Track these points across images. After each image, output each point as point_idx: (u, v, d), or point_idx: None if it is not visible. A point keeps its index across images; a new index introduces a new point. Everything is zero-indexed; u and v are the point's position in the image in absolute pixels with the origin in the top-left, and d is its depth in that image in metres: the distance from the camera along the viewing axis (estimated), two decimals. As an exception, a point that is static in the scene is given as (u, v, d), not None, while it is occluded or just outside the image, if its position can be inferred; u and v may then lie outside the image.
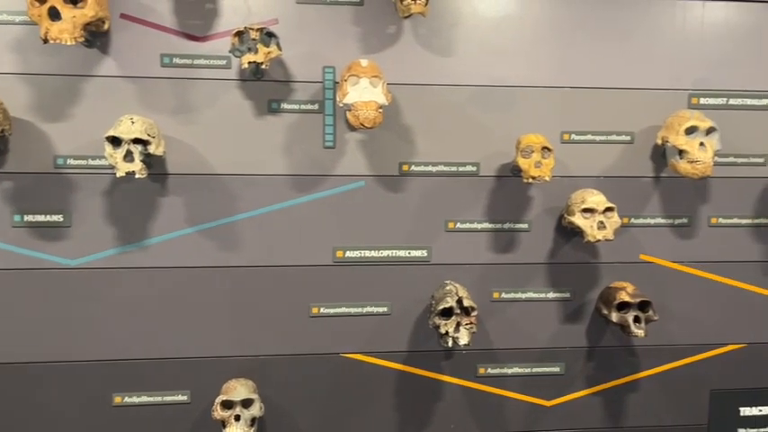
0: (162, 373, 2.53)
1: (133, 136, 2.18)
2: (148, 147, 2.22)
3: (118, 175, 2.18)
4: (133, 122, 2.20)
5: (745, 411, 2.83)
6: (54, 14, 2.09)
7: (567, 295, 2.68)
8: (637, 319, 2.48)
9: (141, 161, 2.19)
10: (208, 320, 2.53)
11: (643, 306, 2.50)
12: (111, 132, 2.18)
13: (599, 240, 2.39)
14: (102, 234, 2.43)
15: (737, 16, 2.63)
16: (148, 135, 2.21)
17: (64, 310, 2.45)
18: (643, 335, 2.46)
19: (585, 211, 2.43)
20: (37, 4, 2.10)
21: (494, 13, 2.54)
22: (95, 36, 2.32)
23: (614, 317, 2.51)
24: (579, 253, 2.66)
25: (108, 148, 2.19)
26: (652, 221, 2.67)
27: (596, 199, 2.43)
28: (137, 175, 2.19)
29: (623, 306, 2.50)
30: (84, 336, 2.47)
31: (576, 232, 2.52)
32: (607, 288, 2.62)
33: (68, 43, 2.09)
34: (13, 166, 2.37)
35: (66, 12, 2.09)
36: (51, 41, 2.09)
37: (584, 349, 2.73)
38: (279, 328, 2.57)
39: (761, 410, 2.83)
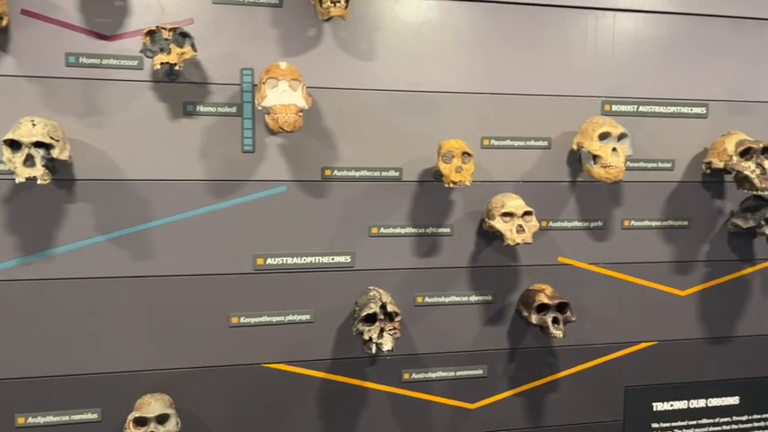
0: (70, 391, 2.38)
1: (34, 139, 2.05)
2: (52, 151, 2.09)
3: (17, 181, 2.04)
4: (34, 125, 2.07)
5: (658, 406, 2.95)
6: (-57, 8, 1.94)
7: (489, 298, 2.71)
8: (555, 321, 2.54)
9: (44, 166, 2.06)
10: (120, 333, 2.41)
11: (561, 307, 2.56)
12: (10, 135, 2.04)
13: (518, 244, 2.43)
14: (2, 244, 2.27)
15: (647, 27, 2.75)
16: (51, 138, 2.08)
17: (-41, 326, 2.28)
18: (561, 336, 2.52)
19: (505, 215, 2.47)
20: (-77, -4, 1.94)
21: (415, 19, 2.55)
22: (-8, 32, 2.18)
23: (534, 318, 2.56)
24: (500, 256, 2.71)
25: (6, 152, 2.04)
26: (569, 225, 2.74)
27: (515, 203, 2.48)
28: (39, 181, 2.06)
29: (542, 308, 2.56)
30: (-17, 353, 2.30)
31: (497, 236, 2.55)
32: (527, 290, 2.67)
33: (-41, 39, 1.95)
34: None
35: (-43, 5, 1.95)
36: (-60, 37, 1.94)
37: (506, 351, 2.77)
38: (197, 339, 2.48)
39: (672, 405, 2.96)
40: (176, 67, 2.18)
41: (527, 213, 2.48)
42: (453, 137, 2.50)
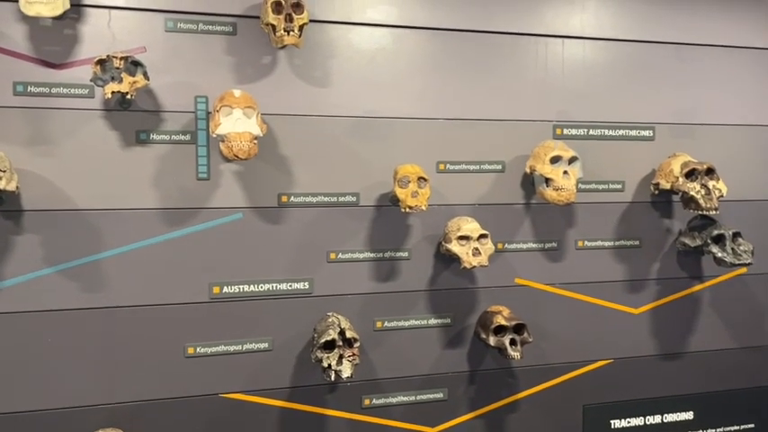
0: (19, 429, 2.30)
1: (-21, 170, 2.00)
2: (-2, 182, 2.04)
3: (-39, 214, 1.99)
4: (-21, 156, 2.02)
5: (616, 423, 2.99)
6: None
7: (448, 321, 2.73)
8: (513, 342, 2.56)
9: (-11, 198, 2.01)
10: (72, 367, 2.34)
11: (518, 329, 2.59)
12: (-47, 167, 1.99)
13: (474, 267, 2.46)
14: (-55, 278, 2.21)
15: (594, 53, 2.84)
16: (-2, 169, 2.04)
17: None
18: (519, 357, 2.54)
19: (461, 238, 2.49)
20: None
21: (368, 46, 2.58)
22: (-65, 61, 2.12)
23: (492, 340, 2.58)
24: (458, 279, 2.73)
25: (-51, 184, 1.99)
26: (524, 246, 2.79)
27: (471, 226, 2.51)
28: (-16, 214, 2.01)
29: (500, 330, 2.58)
30: (-76, 393, 2.21)
31: (454, 259, 2.58)
32: (484, 312, 2.70)
33: None
34: None
35: None
36: None
37: (465, 374, 2.78)
38: (153, 371, 2.42)
39: (629, 422, 3.00)
40: (128, 96, 2.16)
41: (483, 236, 2.51)
42: (409, 162, 2.52)
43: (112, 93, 2.14)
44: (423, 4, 2.62)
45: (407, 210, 2.40)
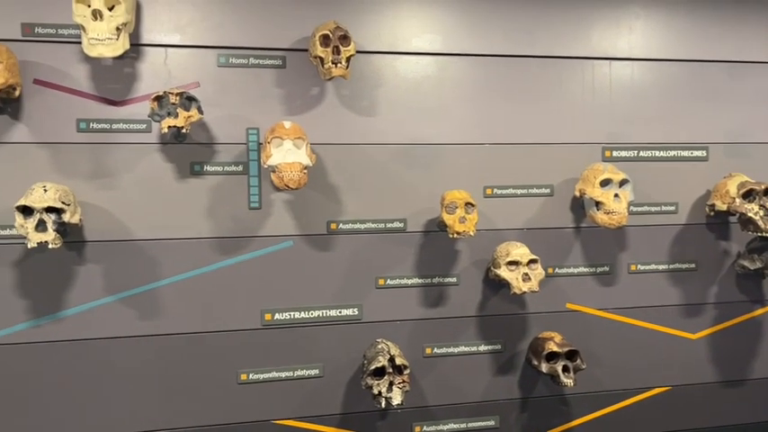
0: (80, 454, 2.38)
1: (46, 204, 2.09)
2: (63, 215, 2.13)
3: (29, 246, 2.08)
4: (46, 190, 2.12)
5: (675, 453, 2.89)
6: (-41, 82, 2.02)
7: (499, 347, 2.70)
8: (565, 369, 2.52)
9: (55, 230, 2.10)
10: (131, 393, 2.42)
11: (571, 355, 2.55)
12: (22, 201, 2.09)
13: (524, 292, 2.44)
14: (14, 307, 2.31)
15: (642, 74, 2.80)
16: (63, 203, 2.13)
17: (-30, 391, 2.29)
18: (572, 384, 2.50)
19: (510, 263, 2.48)
20: (-59, 71, 2.02)
21: (414, 75, 2.61)
22: (6, 102, 2.24)
23: (544, 367, 2.54)
24: (508, 304, 2.70)
25: (18, 218, 2.09)
26: (575, 271, 2.75)
27: (520, 251, 2.49)
28: (50, 245, 2.10)
29: (552, 356, 2.54)
30: (-7, 418, 2.31)
31: (504, 284, 2.56)
32: (536, 339, 2.66)
33: (-26, 112, 2.01)
34: None
35: (-27, 80, 2.02)
36: (-44, 110, 2.01)
37: (517, 400, 2.74)
38: (207, 396, 2.47)
39: (689, 451, 2.90)
40: (183, 130, 2.24)
41: (532, 261, 2.48)
42: (456, 187, 2.53)
43: (169, 127, 2.22)
44: (467, 31, 2.65)
45: (455, 235, 2.41)
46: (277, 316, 2.52)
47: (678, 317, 2.85)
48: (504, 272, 2.48)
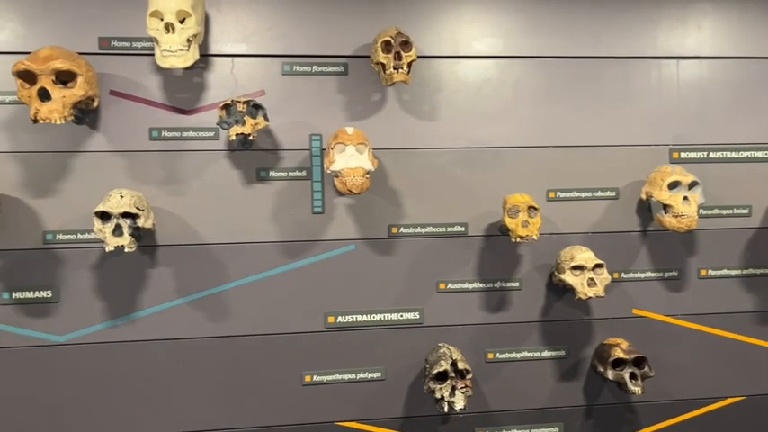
0: (152, 450, 2.47)
1: (122, 210, 2.19)
2: (137, 220, 2.22)
3: (107, 250, 2.18)
4: (122, 197, 2.22)
5: (750, 466, 2.78)
6: (44, 95, 2.13)
7: (563, 353, 2.66)
8: (633, 376, 2.46)
9: (130, 235, 2.20)
10: (199, 392, 2.49)
11: (638, 362, 2.48)
12: (101, 207, 2.19)
13: (590, 297, 2.39)
14: (91, 309, 2.42)
15: (712, 73, 2.71)
16: (137, 209, 2.22)
17: (53, 387, 2.40)
18: (640, 392, 2.43)
19: (575, 268, 2.44)
20: (27, 85, 2.14)
21: (475, 78, 2.61)
22: (85, 113, 2.36)
23: (610, 374, 2.49)
24: (572, 310, 2.66)
25: (97, 223, 2.19)
26: (642, 276, 2.68)
27: (585, 256, 2.44)
28: (126, 249, 2.19)
29: (618, 363, 2.49)
30: (73, 412, 2.42)
31: (568, 289, 2.52)
32: (601, 345, 2.61)
33: (58, 123, 2.12)
34: (2, 244, 2.36)
35: (56, 92, 2.13)
36: (41, 121, 2.12)
37: (582, 408, 2.69)
38: (272, 397, 2.53)
39: (765, 464, 2.78)
40: (250, 137, 2.30)
41: (598, 266, 2.44)
42: (518, 191, 2.51)
43: (236, 135, 2.28)
44: (528, 33, 2.63)
45: (518, 240, 2.39)
46: (340, 319, 2.55)
47: (752, 324, 2.73)
48: (568, 277, 2.44)
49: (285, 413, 2.54)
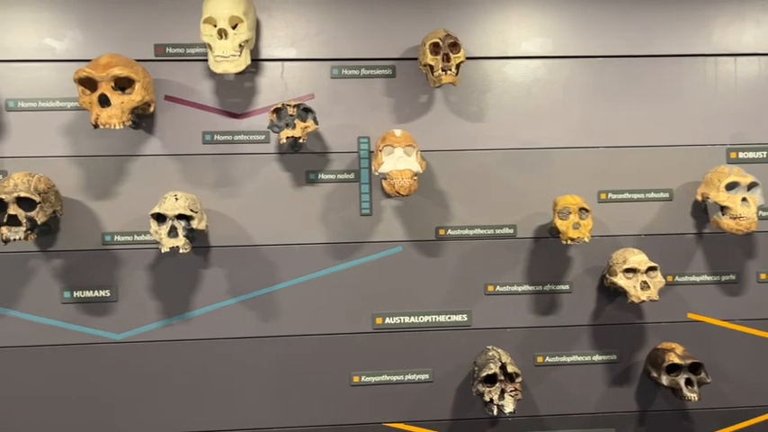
0: (205, 446, 2.53)
1: (177, 212, 2.25)
2: (191, 222, 2.28)
3: (163, 251, 2.24)
4: (177, 199, 2.28)
5: (813, 478, 2.67)
6: (103, 101, 2.20)
7: (614, 357, 2.61)
8: (689, 382, 2.39)
9: (185, 236, 2.25)
10: (249, 391, 2.54)
11: (694, 368, 2.42)
12: (157, 209, 2.26)
13: (643, 301, 2.34)
14: (147, 308, 2.49)
15: (771, 69, 2.63)
16: (191, 211, 2.28)
17: (110, 383, 2.49)
18: (696, 398, 2.37)
19: (628, 271, 2.39)
20: (88, 92, 2.22)
21: (524, 79, 2.58)
22: (141, 118, 2.43)
23: (665, 380, 2.43)
24: (624, 313, 2.61)
25: (153, 224, 2.26)
26: (698, 279, 2.61)
27: (638, 258, 2.39)
28: (180, 250, 2.25)
29: (673, 368, 2.42)
30: (130, 408, 2.50)
31: (620, 292, 2.47)
32: (655, 350, 2.55)
33: (117, 128, 2.20)
34: (64, 244, 2.45)
35: (115, 98, 2.20)
36: (101, 126, 2.19)
37: (634, 414, 2.63)
38: (320, 397, 2.56)
39: (830, 477, 2.67)
40: (300, 140, 2.33)
41: (651, 269, 2.38)
42: (568, 192, 2.47)
43: (287, 138, 2.32)
44: (579, 33, 2.59)
45: (569, 242, 2.35)
46: (387, 320, 2.56)
47: (816, 330, 2.64)
48: (620, 279, 2.40)
49: (333, 413, 2.56)
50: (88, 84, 2.22)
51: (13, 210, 2.17)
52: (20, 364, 2.45)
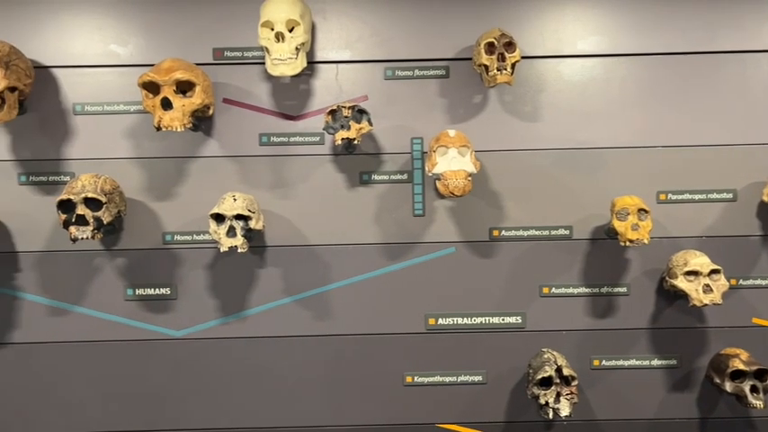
0: (258, 443, 2.58)
1: (235, 212, 2.30)
2: (249, 222, 2.32)
3: (221, 250, 2.29)
4: (235, 200, 2.33)
5: None
6: (165, 104, 2.27)
7: (674, 362, 2.54)
8: (754, 389, 2.31)
9: (243, 236, 2.30)
10: (303, 389, 2.57)
11: (760, 374, 2.33)
12: (216, 210, 2.31)
13: (706, 305, 2.27)
14: (206, 306, 2.55)
15: (842, 64, 2.52)
16: (249, 211, 2.33)
17: (171, 378, 2.56)
18: (761, 406, 2.29)
19: (689, 273, 2.32)
20: (151, 95, 2.29)
21: (579, 78, 2.54)
22: (201, 120, 2.49)
23: (728, 386, 2.35)
24: (684, 317, 2.54)
25: (212, 224, 2.31)
26: (764, 283, 2.52)
27: (700, 261, 2.33)
28: (239, 250, 2.29)
29: (738, 375, 2.35)
30: (187, 403, 2.56)
31: (680, 296, 2.41)
32: (718, 355, 2.47)
33: (179, 130, 2.26)
34: (127, 244, 2.54)
35: (177, 101, 2.27)
36: (164, 129, 2.26)
37: (695, 420, 2.56)
38: (374, 397, 2.57)
39: None
40: (355, 141, 2.35)
41: (714, 272, 2.31)
42: (626, 193, 2.42)
43: (342, 139, 2.34)
44: (636, 30, 2.54)
45: (627, 243, 2.30)
46: (440, 321, 2.56)
47: None
48: (681, 282, 2.33)
49: (386, 413, 2.57)
50: (151, 88, 2.29)
51: (81, 210, 2.26)
52: (85, 358, 2.54)
